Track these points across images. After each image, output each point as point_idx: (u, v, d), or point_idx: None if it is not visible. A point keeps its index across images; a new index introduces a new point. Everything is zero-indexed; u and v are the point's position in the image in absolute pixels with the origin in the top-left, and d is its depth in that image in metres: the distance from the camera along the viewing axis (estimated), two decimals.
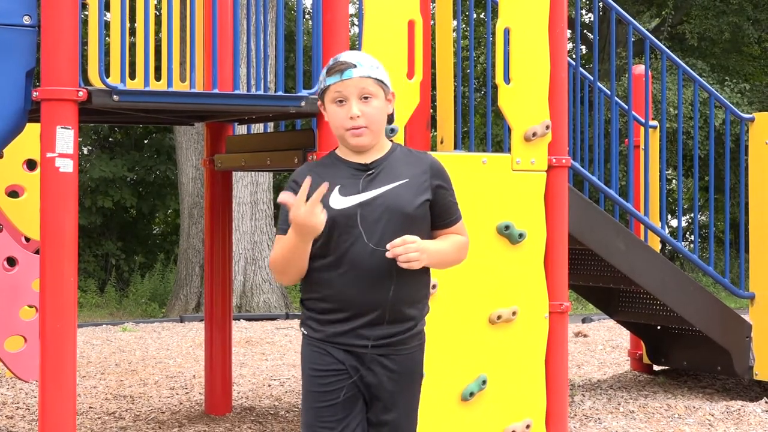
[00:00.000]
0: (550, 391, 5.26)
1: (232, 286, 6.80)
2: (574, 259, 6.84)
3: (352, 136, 3.07)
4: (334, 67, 3.09)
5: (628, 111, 7.56)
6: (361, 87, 3.07)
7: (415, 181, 3.10)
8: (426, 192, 3.12)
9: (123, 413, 6.52)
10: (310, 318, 3.13)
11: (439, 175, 3.16)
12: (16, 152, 7.35)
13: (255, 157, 6.01)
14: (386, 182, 3.08)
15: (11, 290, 7.24)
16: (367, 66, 3.09)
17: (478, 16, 19.25)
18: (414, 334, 3.13)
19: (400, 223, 3.04)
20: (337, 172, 3.09)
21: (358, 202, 3.05)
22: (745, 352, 6.91)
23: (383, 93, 3.11)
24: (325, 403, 3.10)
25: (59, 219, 4.42)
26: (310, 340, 3.13)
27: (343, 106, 3.08)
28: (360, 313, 3.06)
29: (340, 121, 3.08)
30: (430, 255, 3.05)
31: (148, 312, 14.58)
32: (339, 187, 3.06)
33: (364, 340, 3.07)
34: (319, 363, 3.10)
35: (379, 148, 3.13)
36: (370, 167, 3.10)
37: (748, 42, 20.33)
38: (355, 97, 3.07)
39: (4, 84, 4.49)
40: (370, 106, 3.07)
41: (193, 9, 5.18)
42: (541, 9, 5.27)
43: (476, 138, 16.92)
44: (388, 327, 3.07)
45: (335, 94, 3.08)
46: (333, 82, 3.08)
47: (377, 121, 3.09)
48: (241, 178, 13.24)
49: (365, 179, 3.08)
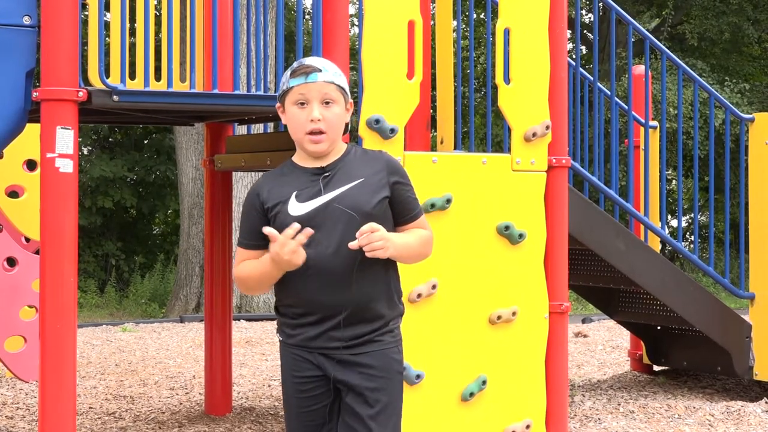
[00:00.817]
0: (550, 392, 5.26)
1: (232, 287, 6.79)
2: (574, 259, 6.84)
3: (311, 142, 3.09)
4: (299, 70, 3.11)
5: (628, 111, 7.56)
6: (324, 92, 3.09)
7: (372, 180, 3.11)
8: (383, 189, 3.12)
9: (123, 413, 6.52)
10: (284, 324, 3.18)
11: (395, 171, 3.16)
12: (16, 152, 7.35)
13: (255, 158, 6.01)
14: (342, 183, 3.09)
15: (11, 290, 7.24)
16: (331, 72, 3.12)
17: (478, 17, 19.25)
18: (386, 331, 3.14)
19: (359, 222, 3.04)
20: (294, 180, 3.12)
21: (315, 207, 3.07)
22: (745, 353, 6.91)
23: (344, 101, 3.14)
24: (306, 409, 3.15)
25: (59, 219, 4.42)
26: (287, 346, 3.17)
27: (304, 108, 3.09)
28: (328, 316, 3.08)
29: (300, 123, 3.09)
30: (395, 246, 3.04)
31: (148, 312, 14.58)
32: (296, 194, 3.08)
33: (336, 341, 3.09)
34: (297, 369, 3.14)
35: (335, 152, 3.15)
36: (326, 170, 3.11)
37: (748, 42, 20.34)
38: (317, 101, 3.09)
39: (4, 84, 4.49)
40: (330, 111, 3.09)
41: (193, 9, 5.18)
42: (541, 9, 5.27)
43: (476, 138, 16.92)
44: (358, 327, 3.09)
45: (298, 96, 3.09)
46: (297, 83, 3.10)
47: (335, 127, 3.11)
48: (241, 179, 13.24)
49: (321, 182, 3.10)
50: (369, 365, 3.10)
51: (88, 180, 17.10)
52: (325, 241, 3.04)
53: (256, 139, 6.47)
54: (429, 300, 4.97)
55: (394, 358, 3.17)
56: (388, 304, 3.16)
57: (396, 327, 3.19)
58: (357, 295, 3.07)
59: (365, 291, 3.09)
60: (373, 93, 4.83)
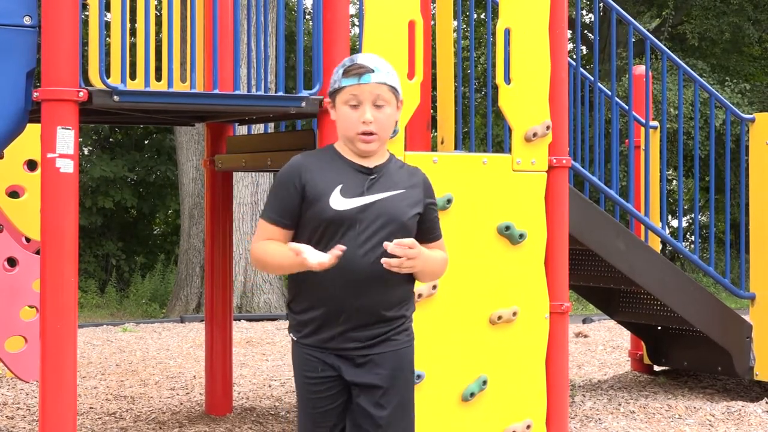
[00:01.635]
0: (551, 392, 5.26)
1: (232, 287, 6.80)
2: (575, 259, 6.84)
3: (362, 141, 3.06)
4: (352, 69, 3.07)
5: (628, 111, 7.56)
6: (376, 93, 3.06)
7: (411, 193, 3.12)
8: (418, 206, 3.13)
9: (123, 413, 6.52)
10: (298, 323, 3.13)
11: (429, 192, 3.19)
12: (17, 153, 7.34)
13: (255, 158, 6.01)
14: (386, 189, 3.08)
15: (12, 290, 7.24)
16: (384, 72, 3.09)
17: (479, 17, 19.24)
18: (402, 330, 3.14)
19: (394, 230, 3.04)
20: (339, 171, 3.08)
21: (358, 205, 3.04)
22: (745, 353, 6.91)
23: (395, 100, 3.11)
24: (320, 409, 3.13)
25: (60, 219, 4.42)
26: (300, 346, 3.14)
27: (356, 109, 3.06)
28: (348, 317, 3.06)
29: (351, 124, 3.07)
30: (423, 262, 3.05)
31: (148, 312, 14.58)
32: (341, 187, 3.05)
33: (354, 342, 3.07)
34: (311, 370, 3.11)
35: (381, 154, 3.14)
36: (374, 171, 3.09)
37: (748, 42, 20.33)
38: (370, 103, 3.06)
39: (5, 84, 4.49)
40: (382, 113, 3.07)
41: (193, 9, 5.18)
42: (542, 9, 5.27)
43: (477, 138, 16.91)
44: (376, 327, 3.08)
45: (350, 96, 3.06)
46: (349, 84, 3.06)
47: (387, 128, 3.09)
48: (242, 179, 13.24)
49: (368, 183, 3.07)
50: (382, 365, 3.09)
51: (89, 180, 17.10)
52: (357, 241, 3.02)
53: (256, 139, 6.47)
54: (429, 300, 4.97)
55: (408, 358, 3.17)
56: (408, 305, 3.16)
57: (410, 326, 3.19)
58: (380, 297, 3.06)
59: (389, 293, 3.08)
60: None
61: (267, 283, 13.49)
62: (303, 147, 5.28)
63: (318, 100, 4.92)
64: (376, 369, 3.09)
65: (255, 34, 5.78)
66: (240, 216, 13.21)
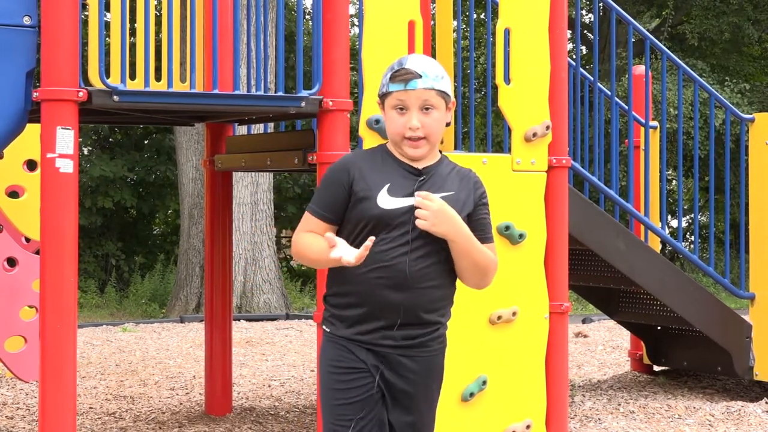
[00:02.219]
0: (551, 392, 5.26)
1: (232, 287, 6.80)
2: (574, 259, 6.84)
3: (410, 146, 3.06)
4: (399, 75, 3.05)
5: (628, 111, 7.56)
6: (423, 99, 3.04)
7: (461, 196, 3.11)
8: (467, 208, 3.12)
9: (123, 413, 6.52)
10: (333, 315, 3.12)
11: (481, 194, 3.18)
12: (17, 153, 7.34)
13: (255, 158, 6.01)
14: (435, 191, 3.06)
15: (11, 291, 7.24)
16: (432, 77, 3.05)
17: (478, 17, 19.24)
18: (436, 336, 3.13)
19: None
20: (389, 171, 3.07)
21: (406, 205, 3.03)
22: (745, 353, 6.91)
23: (444, 104, 3.08)
24: (343, 401, 3.09)
25: (59, 219, 4.42)
26: (333, 337, 3.12)
27: (403, 114, 3.05)
28: (387, 315, 3.05)
29: (399, 128, 3.06)
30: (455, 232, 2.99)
31: (148, 312, 14.57)
32: (389, 186, 3.04)
33: (389, 340, 3.06)
34: (340, 360, 3.09)
35: (432, 156, 3.12)
36: (423, 172, 3.08)
37: (748, 42, 20.33)
38: (417, 108, 3.04)
39: (4, 84, 4.49)
40: (430, 117, 3.05)
41: (193, 9, 5.18)
42: (541, 9, 5.27)
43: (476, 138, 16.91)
44: (413, 329, 3.08)
45: (397, 101, 3.05)
46: (396, 90, 3.05)
47: (436, 132, 3.07)
48: (242, 179, 13.24)
49: (417, 184, 3.06)
50: (413, 369, 3.09)
51: (88, 180, 17.10)
52: (402, 241, 3.02)
53: (256, 139, 6.46)
54: None
55: (438, 364, 3.16)
56: (445, 312, 3.16)
57: (444, 333, 3.18)
58: (421, 300, 3.05)
59: (429, 296, 3.07)
60: (373, 93, 4.81)
61: (267, 283, 13.49)
62: (302, 147, 5.28)
63: (317, 100, 4.92)
64: (406, 371, 3.09)
65: (255, 34, 5.78)
66: (240, 216, 13.21)
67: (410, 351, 3.08)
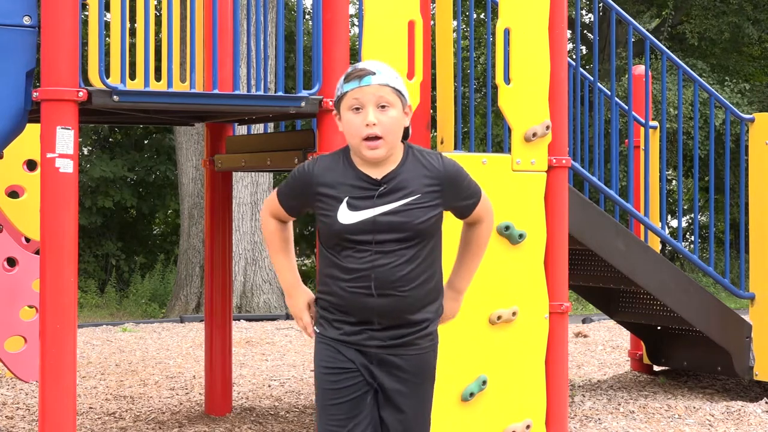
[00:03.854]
0: (550, 392, 5.26)
1: (232, 287, 6.79)
2: (574, 259, 6.84)
3: (368, 148, 3.02)
4: (353, 74, 3.04)
5: (628, 111, 7.56)
6: (379, 95, 3.02)
7: (426, 196, 3.08)
8: (438, 205, 3.10)
9: (123, 413, 6.52)
10: (323, 318, 3.15)
11: (450, 182, 3.12)
12: (16, 152, 7.34)
13: (255, 158, 6.01)
14: (397, 198, 3.04)
15: (11, 291, 7.24)
16: (386, 74, 3.05)
17: (478, 17, 19.24)
18: (425, 334, 3.14)
19: (409, 238, 3.04)
20: (349, 181, 3.06)
21: (367, 218, 3.03)
22: (745, 353, 6.91)
23: (401, 104, 3.06)
24: (335, 401, 3.11)
25: (59, 219, 4.42)
26: (323, 338, 3.15)
27: (359, 113, 3.02)
28: (370, 320, 3.07)
29: (355, 129, 3.02)
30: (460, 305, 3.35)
31: (148, 312, 14.58)
32: (348, 200, 3.04)
33: (376, 340, 3.08)
34: (330, 361, 3.12)
35: (393, 159, 3.08)
36: (382, 182, 3.05)
37: (748, 42, 20.33)
38: (373, 105, 3.01)
39: (4, 84, 4.49)
40: (386, 115, 3.02)
41: (193, 9, 5.18)
42: (541, 9, 5.27)
43: (476, 138, 16.91)
44: (398, 329, 3.09)
45: (352, 101, 3.02)
46: (351, 88, 3.03)
47: (393, 132, 3.04)
48: (241, 179, 13.24)
49: (377, 194, 3.04)
50: (402, 368, 3.10)
51: (88, 180, 17.10)
52: (373, 250, 3.03)
53: (256, 139, 6.46)
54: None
55: (429, 362, 3.16)
56: (431, 309, 3.15)
57: (434, 330, 3.18)
58: (403, 303, 3.06)
59: (412, 298, 3.08)
60: None
61: (267, 283, 13.49)
62: (302, 147, 5.29)
63: (317, 100, 4.92)
64: (396, 370, 3.10)
65: (255, 34, 5.77)
66: (240, 216, 13.22)
67: (398, 350, 3.09)
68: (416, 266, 3.06)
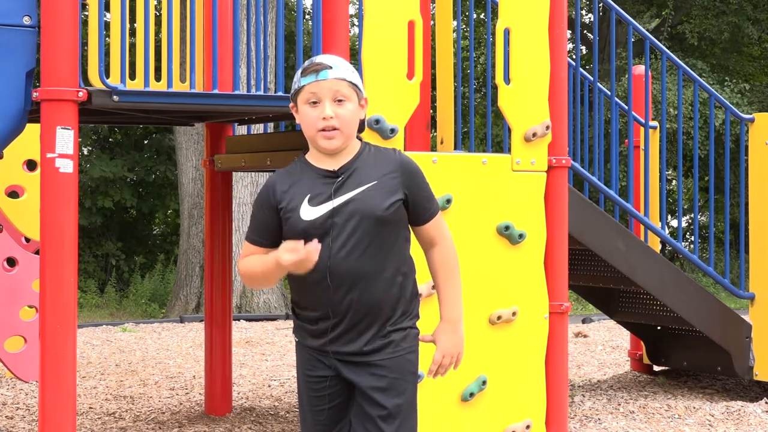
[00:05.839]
0: (550, 392, 5.26)
1: (232, 287, 6.80)
2: (574, 259, 6.84)
3: (324, 138, 3.06)
4: (310, 68, 3.07)
5: (628, 111, 7.56)
6: (335, 89, 3.05)
7: (384, 182, 3.08)
8: (397, 192, 3.09)
9: (123, 413, 6.52)
10: (299, 326, 3.17)
11: (409, 172, 3.14)
12: (16, 153, 7.35)
13: (255, 158, 6.01)
14: (355, 186, 3.06)
15: (11, 291, 7.24)
16: (343, 68, 3.08)
17: (478, 17, 19.25)
18: (404, 336, 3.13)
19: (371, 226, 3.03)
20: (307, 182, 3.09)
21: (327, 211, 3.04)
22: (745, 353, 6.91)
23: (357, 97, 3.10)
24: (318, 407, 3.14)
25: (59, 219, 4.42)
26: (302, 347, 3.17)
27: (316, 107, 3.06)
28: (341, 320, 3.06)
29: (312, 121, 3.07)
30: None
31: (148, 312, 14.58)
32: (308, 197, 3.06)
33: (351, 345, 3.07)
34: (310, 369, 3.14)
35: (349, 151, 3.11)
36: (339, 173, 3.08)
37: (748, 42, 20.34)
38: (329, 99, 3.05)
39: (4, 84, 4.49)
40: (343, 108, 3.06)
41: (193, 9, 5.18)
42: (541, 9, 5.27)
43: (476, 138, 16.93)
44: (371, 329, 3.07)
45: (309, 95, 3.07)
46: (308, 82, 3.07)
47: (349, 124, 3.07)
48: (241, 179, 13.24)
49: (333, 186, 3.06)
50: (381, 366, 3.09)
51: (88, 180, 17.11)
52: (336, 245, 3.02)
53: (256, 139, 6.46)
54: (429, 300, 4.96)
55: (408, 359, 3.15)
56: (402, 306, 3.14)
57: (410, 328, 3.17)
58: (370, 299, 3.05)
59: (378, 295, 3.06)
60: (373, 93, 4.82)
61: None
62: (302, 147, 5.27)
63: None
64: (373, 369, 3.09)
65: (255, 34, 5.77)
66: (240, 216, 13.22)
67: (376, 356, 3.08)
68: (373, 249, 3.04)
